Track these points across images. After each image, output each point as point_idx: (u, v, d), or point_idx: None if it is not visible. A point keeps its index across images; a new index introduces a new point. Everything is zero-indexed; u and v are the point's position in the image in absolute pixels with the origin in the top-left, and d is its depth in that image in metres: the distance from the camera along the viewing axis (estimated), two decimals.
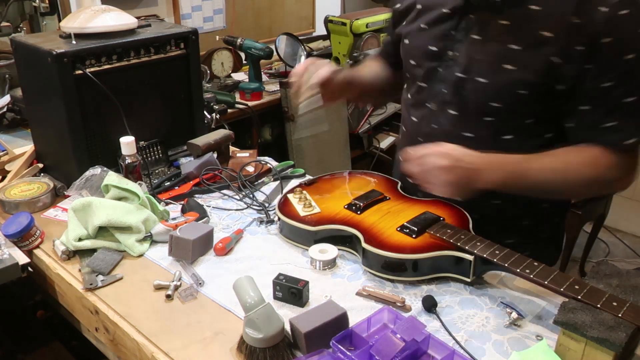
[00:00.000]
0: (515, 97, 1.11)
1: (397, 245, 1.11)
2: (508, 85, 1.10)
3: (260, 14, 3.34)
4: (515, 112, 1.14)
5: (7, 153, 1.61)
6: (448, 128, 1.21)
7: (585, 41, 1.02)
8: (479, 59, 1.13)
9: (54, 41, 1.42)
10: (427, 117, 1.25)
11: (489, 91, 1.13)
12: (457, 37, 1.16)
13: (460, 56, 1.16)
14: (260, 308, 0.93)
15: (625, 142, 1.08)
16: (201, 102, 1.70)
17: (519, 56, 1.08)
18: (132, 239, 1.23)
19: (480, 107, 1.15)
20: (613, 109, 1.06)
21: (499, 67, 1.10)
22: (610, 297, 0.90)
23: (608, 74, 1.04)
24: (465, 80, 1.15)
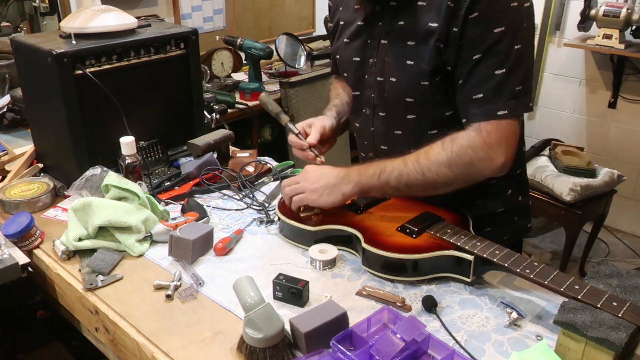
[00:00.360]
0: (421, 90, 1.17)
1: (397, 245, 1.11)
2: (412, 79, 1.17)
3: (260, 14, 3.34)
4: (429, 104, 1.19)
5: (7, 153, 1.61)
6: (382, 129, 1.29)
7: (458, 22, 1.08)
8: (388, 60, 1.20)
9: (54, 41, 1.42)
10: (365, 122, 1.32)
11: (400, 88, 1.20)
12: (372, 45, 1.24)
13: (377, 61, 1.23)
14: (260, 308, 0.93)
15: (497, 113, 1.08)
16: (201, 102, 1.70)
17: (415, 51, 1.15)
18: (132, 239, 1.23)
19: (399, 105, 1.22)
20: (482, 81, 1.09)
21: (403, 64, 1.17)
22: (610, 297, 0.90)
23: (476, 47, 1.08)
24: (383, 82, 1.23)
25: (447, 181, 1.12)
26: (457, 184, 1.13)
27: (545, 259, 3.12)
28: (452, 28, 1.09)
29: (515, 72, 1.08)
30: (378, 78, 1.24)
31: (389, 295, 1.06)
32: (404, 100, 1.20)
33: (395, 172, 1.14)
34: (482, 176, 1.13)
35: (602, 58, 3.18)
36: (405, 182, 1.14)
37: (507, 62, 1.07)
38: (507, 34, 1.06)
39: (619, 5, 2.85)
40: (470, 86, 1.11)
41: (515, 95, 1.09)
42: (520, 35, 1.08)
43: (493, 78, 1.08)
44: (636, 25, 2.87)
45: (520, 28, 1.08)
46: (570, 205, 2.66)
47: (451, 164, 1.11)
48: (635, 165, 3.24)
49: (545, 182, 2.72)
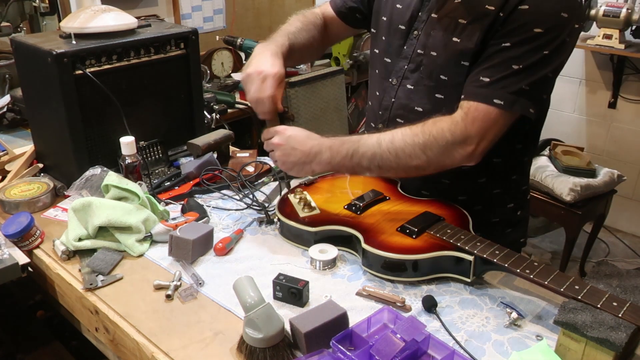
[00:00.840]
0: (459, 70, 1.15)
1: (397, 246, 1.11)
2: (454, 56, 1.15)
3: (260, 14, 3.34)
4: (461, 86, 1.16)
5: (7, 153, 1.61)
6: (404, 102, 1.26)
7: (508, 9, 1.07)
8: (434, 34, 1.19)
9: (54, 41, 1.42)
10: (387, 91, 1.30)
11: (438, 63, 1.18)
12: (421, 18, 1.22)
13: (422, 35, 1.21)
14: (260, 308, 0.93)
15: (494, 99, 1.07)
16: (201, 102, 1.70)
17: (464, 29, 1.13)
18: (132, 239, 1.22)
19: (431, 81, 1.20)
20: (496, 67, 1.08)
21: (449, 40, 1.15)
22: (610, 297, 0.90)
23: (510, 36, 1.06)
24: (422, 55, 1.21)
25: (418, 164, 1.11)
26: (428, 168, 1.12)
27: (545, 259, 3.12)
28: (500, 13, 1.07)
29: (530, 73, 1.07)
30: (419, 50, 1.21)
31: (389, 295, 1.06)
32: (438, 77, 1.19)
33: (369, 153, 1.12)
34: (452, 163, 1.12)
35: (602, 58, 3.18)
36: (378, 164, 1.12)
37: (526, 61, 1.06)
38: (543, 37, 1.05)
39: (619, 5, 2.85)
40: (483, 67, 1.10)
41: (518, 92, 1.07)
42: (554, 45, 1.06)
43: (507, 69, 1.07)
44: (636, 25, 2.87)
45: (558, 39, 1.06)
46: (570, 205, 2.66)
47: (426, 147, 1.09)
48: (635, 165, 3.24)
49: (545, 182, 2.72)
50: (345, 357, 0.87)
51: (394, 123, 1.29)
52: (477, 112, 1.08)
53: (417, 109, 1.24)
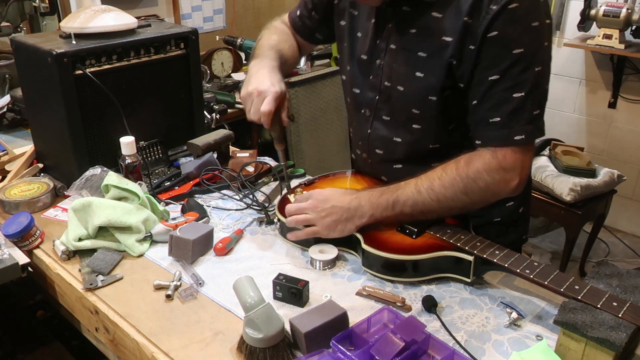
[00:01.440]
0: (428, 104, 1.14)
1: (397, 246, 1.11)
2: (421, 92, 1.14)
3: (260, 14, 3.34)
4: (434, 118, 1.16)
5: (7, 153, 1.61)
6: (381, 133, 1.26)
7: (475, 40, 1.04)
8: (396, 68, 1.17)
9: (54, 41, 1.42)
10: (363, 123, 1.30)
11: (408, 99, 1.17)
12: (380, 46, 1.20)
13: (384, 65, 1.20)
14: (260, 308, 0.93)
15: (514, 137, 1.06)
16: (201, 102, 1.70)
17: (425, 63, 1.12)
18: (132, 239, 1.22)
19: (405, 114, 1.19)
20: (499, 104, 1.06)
21: (412, 75, 1.14)
22: (610, 297, 0.90)
23: (494, 67, 1.04)
24: (390, 88, 1.20)
25: (463, 206, 1.11)
26: (472, 207, 1.12)
27: (545, 259, 3.12)
28: (469, 45, 1.05)
29: (534, 96, 1.05)
30: (385, 83, 1.20)
31: (389, 295, 1.06)
32: (410, 111, 1.18)
33: (410, 202, 1.11)
34: (497, 198, 1.12)
35: (602, 58, 3.18)
36: (421, 210, 1.11)
37: (525, 86, 1.04)
38: (527, 55, 1.03)
39: (619, 5, 2.85)
40: (486, 108, 1.07)
41: (532, 120, 1.06)
42: (540, 57, 1.05)
43: (511, 102, 1.05)
44: (636, 25, 2.87)
45: (540, 48, 1.05)
46: (570, 205, 2.66)
47: (467, 190, 1.08)
48: (635, 165, 3.24)
49: (545, 182, 2.72)
50: (345, 357, 0.87)
51: (374, 153, 1.29)
52: (504, 152, 1.07)
53: (396, 140, 1.24)
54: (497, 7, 1.01)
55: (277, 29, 1.47)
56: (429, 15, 1.09)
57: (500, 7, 1.01)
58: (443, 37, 1.08)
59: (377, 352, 0.86)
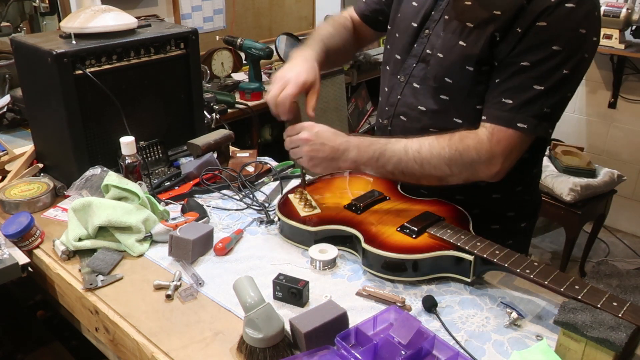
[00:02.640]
0: (464, 74, 1.15)
1: (397, 246, 1.11)
2: (459, 60, 1.15)
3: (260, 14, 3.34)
4: (464, 91, 1.17)
5: (7, 153, 1.61)
6: (409, 100, 1.27)
7: (524, 24, 1.06)
8: (442, 35, 1.19)
9: (54, 41, 1.42)
10: (395, 88, 1.31)
11: (444, 65, 1.18)
12: (434, 17, 1.23)
13: (432, 35, 1.22)
14: (260, 308, 0.93)
15: (518, 123, 1.08)
16: (201, 102, 1.70)
17: (470, 33, 1.13)
18: (132, 239, 1.22)
19: (437, 82, 1.21)
20: (518, 89, 1.08)
21: (455, 43, 1.16)
22: (610, 297, 0.90)
23: (529, 54, 1.06)
24: (430, 55, 1.21)
25: (442, 176, 1.13)
26: (450, 180, 1.14)
27: (545, 259, 3.12)
28: (516, 27, 1.06)
29: (552, 95, 1.07)
30: (427, 50, 1.22)
31: (389, 296, 1.06)
32: (442, 79, 1.19)
33: (395, 159, 1.13)
34: (475, 178, 1.14)
35: (602, 58, 3.18)
36: (402, 170, 1.14)
37: (548, 82, 1.06)
38: (562, 54, 1.04)
39: (619, 5, 2.85)
40: (504, 88, 1.09)
41: (540, 116, 1.08)
42: (574, 63, 1.06)
43: (529, 91, 1.07)
44: (636, 25, 2.87)
45: (577, 56, 1.06)
46: (570, 205, 2.66)
47: (451, 162, 1.11)
48: (635, 165, 3.24)
49: (545, 182, 2.72)
50: (349, 354, 0.87)
51: (397, 120, 1.30)
52: (501, 134, 1.09)
53: (421, 108, 1.24)
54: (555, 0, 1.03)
55: (335, 22, 1.48)
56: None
57: (558, 2, 1.03)
58: (494, 10, 1.10)
59: (381, 351, 0.86)
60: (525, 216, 1.35)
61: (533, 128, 1.08)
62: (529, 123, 1.08)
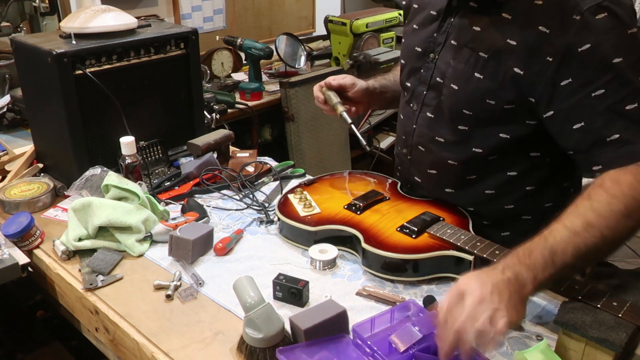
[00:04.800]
0: (485, 106, 1.09)
1: (397, 246, 1.11)
2: (477, 93, 1.09)
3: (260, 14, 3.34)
4: (487, 122, 1.11)
5: (7, 153, 1.61)
6: (425, 130, 1.22)
7: (556, 52, 0.97)
8: (453, 65, 1.13)
9: (54, 41, 1.42)
10: (409, 117, 1.27)
11: (460, 98, 1.12)
12: (438, 40, 1.17)
13: (439, 60, 1.17)
14: (260, 308, 0.93)
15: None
16: (201, 102, 1.70)
17: (486, 65, 1.07)
18: (132, 239, 1.22)
19: (454, 114, 1.15)
20: (613, 119, 0.96)
21: (471, 75, 1.09)
22: (611, 297, 0.90)
23: (594, 82, 0.96)
24: (441, 84, 1.16)
25: (629, 233, 0.93)
26: (634, 232, 0.94)
27: None
28: (546, 57, 0.98)
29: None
30: (437, 78, 1.16)
31: (389, 295, 1.06)
32: (460, 111, 1.13)
33: (570, 248, 0.89)
34: None
35: None
36: (585, 254, 0.90)
37: (634, 95, 0.95)
38: (628, 63, 0.94)
39: None
40: (599, 128, 0.97)
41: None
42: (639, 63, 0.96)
43: (625, 115, 0.95)
44: None
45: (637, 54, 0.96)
46: None
47: (630, 211, 0.91)
48: None
49: None
50: (364, 343, 0.88)
51: (416, 150, 1.26)
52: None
53: (439, 140, 1.19)
54: (580, 17, 0.95)
55: None
56: (497, 15, 1.05)
57: (586, 18, 0.94)
58: (508, 39, 1.02)
59: (395, 340, 0.87)
60: None
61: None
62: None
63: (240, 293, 0.94)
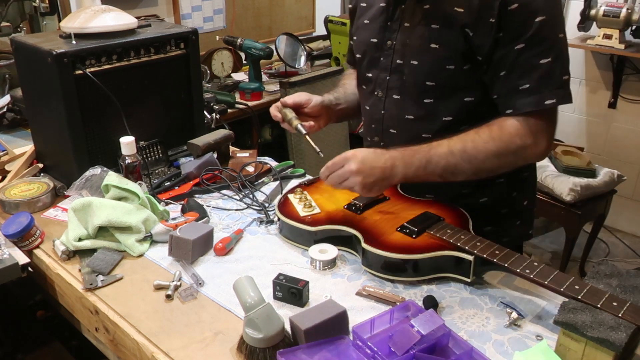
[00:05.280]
0: (445, 73, 1.16)
1: (397, 246, 1.11)
2: (436, 62, 1.17)
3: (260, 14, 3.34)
4: (449, 89, 1.18)
5: (7, 153, 1.61)
6: (394, 112, 1.28)
7: (495, 13, 1.07)
8: (409, 43, 1.20)
9: (54, 41, 1.42)
10: (376, 104, 1.31)
11: (422, 71, 1.19)
12: (392, 27, 1.24)
13: (397, 44, 1.23)
14: (260, 308, 0.93)
15: (545, 102, 1.09)
16: (201, 102, 1.70)
17: (440, 34, 1.15)
18: (132, 239, 1.22)
19: (418, 88, 1.21)
20: (528, 71, 1.09)
21: (427, 47, 1.17)
22: (610, 297, 0.90)
23: (518, 37, 1.07)
24: (402, 65, 1.22)
25: (492, 168, 1.14)
26: (501, 170, 1.16)
27: (545, 259, 3.12)
28: (488, 18, 1.08)
29: (561, 61, 1.09)
30: (397, 60, 1.23)
31: (389, 295, 1.06)
32: (423, 84, 1.20)
33: (442, 162, 1.12)
34: (525, 162, 1.17)
35: (602, 58, 3.18)
36: (451, 171, 1.13)
37: (552, 51, 1.08)
38: (549, 22, 1.06)
39: (619, 5, 2.85)
40: (515, 77, 1.10)
41: (562, 84, 1.09)
42: (561, 24, 1.09)
43: (539, 67, 1.08)
44: (636, 25, 2.87)
45: (560, 17, 1.09)
46: (570, 205, 2.66)
47: (500, 154, 1.11)
48: (635, 165, 3.24)
49: (545, 182, 2.72)
50: (364, 344, 0.88)
51: (387, 134, 1.30)
52: (535, 116, 1.11)
53: (408, 117, 1.25)
54: None
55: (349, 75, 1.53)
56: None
57: None
58: (455, 7, 1.12)
59: (394, 342, 0.87)
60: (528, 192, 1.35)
61: (561, 99, 1.10)
62: (556, 96, 1.09)
63: (240, 293, 0.94)
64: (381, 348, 0.88)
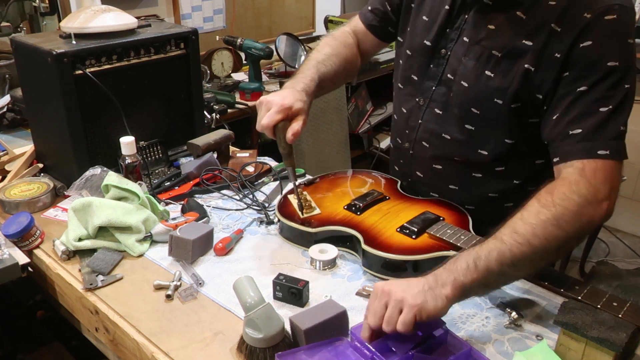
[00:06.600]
0: (492, 106, 1.10)
1: (397, 246, 1.11)
2: (487, 92, 1.09)
3: (260, 14, 3.34)
4: (494, 123, 1.12)
5: (7, 153, 1.61)
6: (431, 126, 1.22)
7: (563, 48, 0.99)
8: (465, 62, 1.13)
9: (54, 41, 1.42)
10: (414, 111, 1.26)
11: (470, 96, 1.13)
12: (451, 37, 1.16)
13: (451, 56, 1.16)
14: (260, 308, 0.93)
15: (599, 151, 0.96)
16: (201, 102, 1.70)
17: (498, 64, 1.07)
18: (132, 239, 1.22)
19: (462, 112, 1.15)
20: (583, 116, 0.98)
21: (481, 73, 1.10)
22: (610, 297, 0.90)
23: (584, 79, 0.98)
24: (452, 81, 1.16)
25: (558, 243, 0.92)
26: (568, 244, 0.94)
27: None
28: (554, 53, 0.99)
29: (621, 112, 0.97)
30: (449, 75, 1.16)
31: None
32: (468, 109, 1.13)
33: (494, 254, 0.90)
34: (592, 225, 0.95)
35: None
36: (510, 261, 0.90)
37: (613, 100, 0.96)
38: (620, 70, 0.96)
39: None
40: (567, 121, 0.99)
41: (617, 136, 0.97)
42: (631, 75, 0.98)
43: (596, 115, 0.97)
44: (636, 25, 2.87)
45: (632, 67, 0.98)
46: None
47: (558, 220, 0.91)
48: (635, 165, 3.24)
49: None
50: (362, 345, 0.88)
51: (419, 146, 1.26)
52: (591, 166, 0.96)
53: (445, 137, 1.19)
54: (591, 15, 0.96)
55: (334, 40, 1.38)
56: (512, 14, 1.05)
57: (596, 17, 0.96)
58: (523, 40, 1.03)
59: (394, 342, 0.87)
60: None
61: (616, 151, 0.96)
62: (610, 148, 0.96)
63: (240, 293, 0.94)
64: (379, 349, 0.88)
